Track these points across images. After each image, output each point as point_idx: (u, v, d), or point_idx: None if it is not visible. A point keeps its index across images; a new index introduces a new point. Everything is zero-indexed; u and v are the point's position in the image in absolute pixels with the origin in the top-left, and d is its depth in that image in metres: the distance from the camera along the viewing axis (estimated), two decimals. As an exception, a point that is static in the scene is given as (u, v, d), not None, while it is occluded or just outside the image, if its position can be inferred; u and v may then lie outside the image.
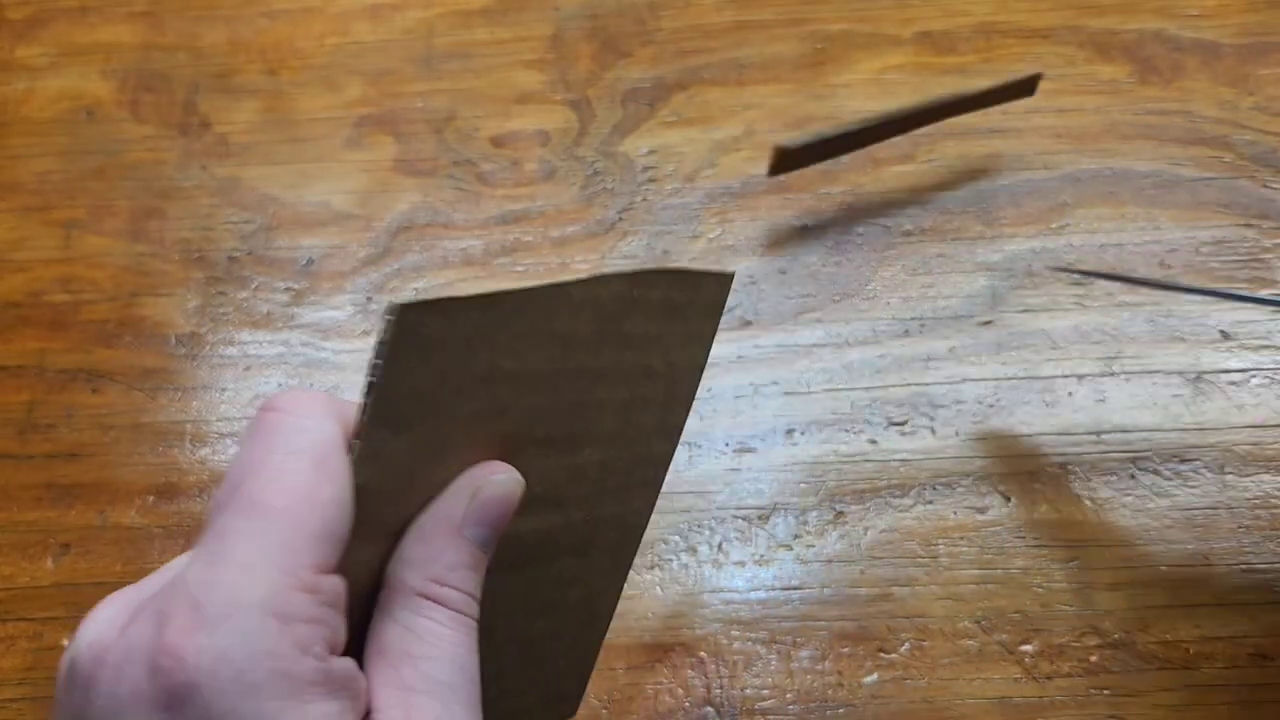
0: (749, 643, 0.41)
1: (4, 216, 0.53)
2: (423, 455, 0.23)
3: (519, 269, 0.50)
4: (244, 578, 0.20)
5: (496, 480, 0.24)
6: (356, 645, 0.23)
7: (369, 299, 0.50)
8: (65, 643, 0.43)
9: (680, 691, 0.41)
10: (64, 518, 0.45)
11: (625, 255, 0.50)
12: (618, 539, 0.31)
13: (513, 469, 0.25)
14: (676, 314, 0.28)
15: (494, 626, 0.26)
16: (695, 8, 0.57)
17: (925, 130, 0.52)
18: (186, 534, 0.44)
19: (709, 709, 0.40)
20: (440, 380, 0.22)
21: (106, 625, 0.22)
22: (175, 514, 0.45)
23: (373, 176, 0.53)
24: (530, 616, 0.29)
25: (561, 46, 0.56)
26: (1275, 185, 0.50)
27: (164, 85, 0.56)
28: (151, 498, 0.46)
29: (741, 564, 0.43)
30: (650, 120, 0.54)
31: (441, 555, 0.23)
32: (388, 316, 0.20)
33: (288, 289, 0.50)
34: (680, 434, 0.31)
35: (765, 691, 0.41)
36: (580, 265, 0.50)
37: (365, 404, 0.21)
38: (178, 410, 0.48)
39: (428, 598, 0.23)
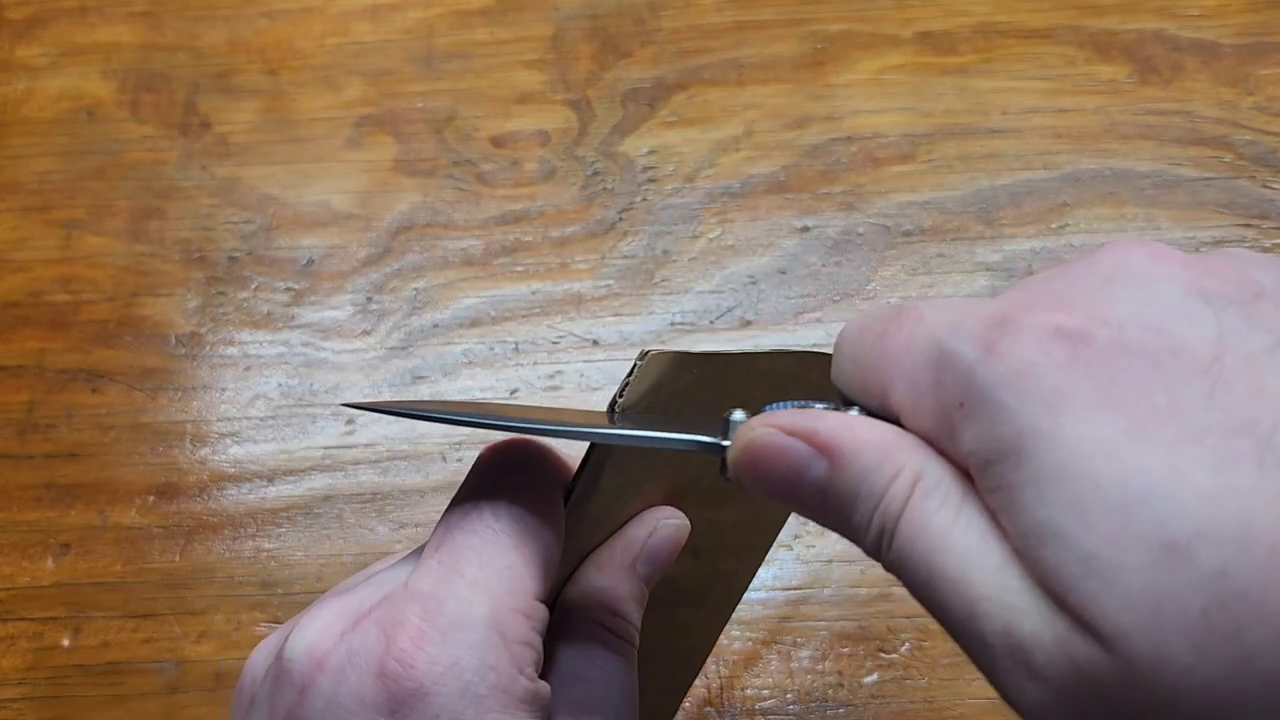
0: (749, 643, 0.41)
1: (4, 216, 0.53)
2: (621, 494, 0.25)
3: (519, 269, 0.50)
4: (474, 596, 0.22)
5: (670, 524, 0.26)
6: None
7: (369, 299, 0.50)
8: (65, 643, 0.43)
9: (680, 691, 0.41)
10: (64, 518, 0.45)
11: (625, 255, 0.50)
12: (727, 594, 0.32)
13: (682, 514, 0.27)
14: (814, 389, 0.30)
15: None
16: (695, 8, 0.57)
17: (925, 130, 0.52)
18: (187, 534, 0.45)
19: (709, 709, 0.40)
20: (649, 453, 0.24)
21: (324, 631, 0.23)
22: (175, 514, 0.45)
23: (373, 176, 0.53)
24: (643, 660, 0.30)
25: (561, 46, 0.56)
26: (1275, 185, 0.50)
27: (164, 85, 0.56)
28: (152, 498, 0.46)
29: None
30: (650, 120, 0.54)
31: (617, 587, 0.25)
32: (638, 361, 0.22)
33: (288, 289, 0.50)
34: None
35: (765, 691, 0.41)
36: (580, 265, 0.50)
37: (599, 445, 0.23)
38: (178, 410, 0.48)
39: (603, 625, 0.25)
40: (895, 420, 0.19)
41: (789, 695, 0.40)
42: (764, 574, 0.43)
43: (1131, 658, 0.15)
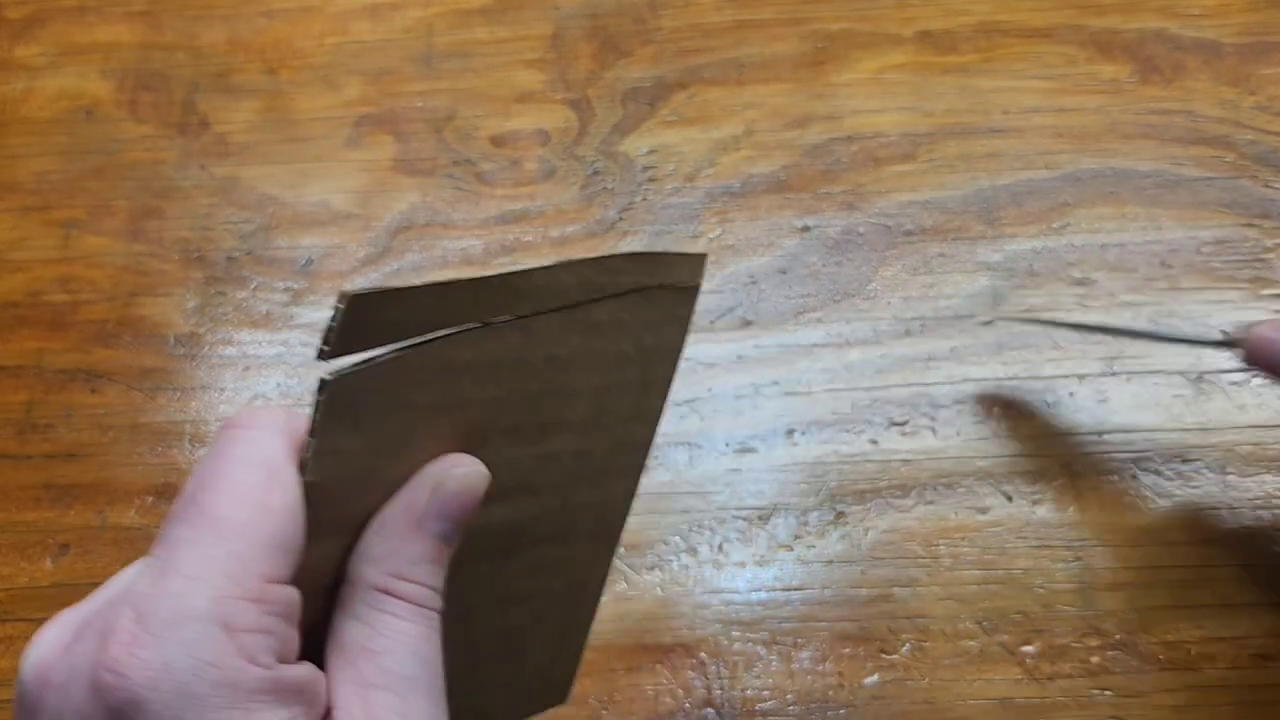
0: (749, 643, 0.41)
1: (3, 216, 0.53)
2: (383, 450, 0.23)
3: (519, 269, 0.50)
4: (189, 589, 0.20)
5: (459, 473, 0.24)
6: (320, 643, 0.23)
7: (368, 299, 0.50)
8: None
9: (681, 692, 0.41)
10: (63, 518, 0.45)
11: (625, 255, 0.50)
12: (598, 526, 0.30)
13: (477, 461, 0.24)
14: (647, 298, 0.27)
15: (470, 618, 0.26)
16: (695, 7, 0.57)
17: (926, 129, 0.52)
18: (185, 534, 0.44)
19: (709, 710, 0.40)
20: (401, 384, 0.22)
21: (51, 645, 0.21)
22: (174, 514, 0.45)
23: (372, 176, 0.53)
24: (507, 606, 0.28)
25: (561, 46, 0.56)
26: (1277, 185, 0.50)
27: (163, 85, 0.56)
28: (150, 498, 0.45)
29: (742, 565, 0.43)
30: (650, 120, 0.54)
31: (402, 550, 0.23)
32: (337, 305, 0.20)
33: (287, 289, 0.50)
34: (660, 418, 0.30)
35: (766, 692, 0.40)
36: (580, 265, 0.50)
37: (317, 400, 0.21)
38: (177, 410, 0.47)
39: (387, 592, 0.23)
40: None
41: (789, 696, 0.40)
42: (765, 574, 0.43)
43: None
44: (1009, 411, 0.45)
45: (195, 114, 0.55)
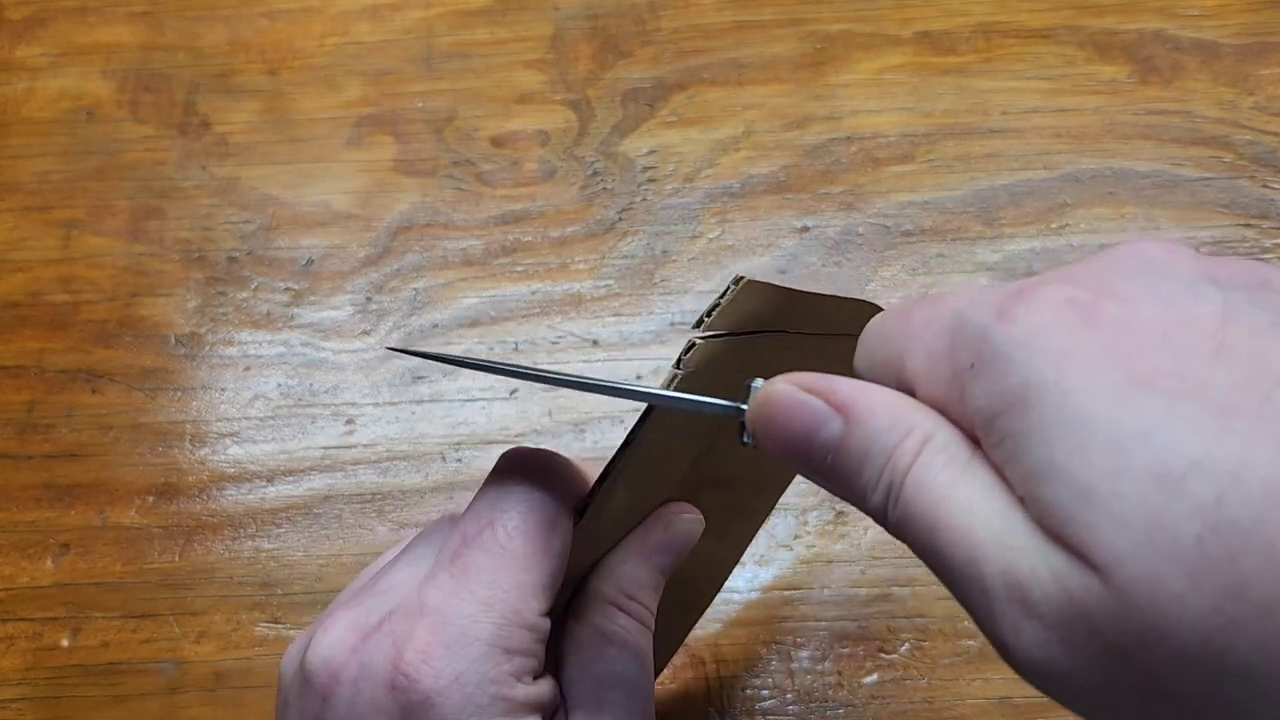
0: (749, 642, 0.41)
1: (3, 216, 0.53)
2: (634, 502, 0.28)
3: (519, 269, 0.50)
4: (481, 614, 0.24)
5: (686, 518, 0.29)
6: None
7: (369, 299, 0.50)
8: (65, 643, 0.43)
9: (680, 691, 0.41)
10: (64, 518, 0.45)
11: (625, 255, 0.50)
12: (741, 531, 0.36)
13: (697, 511, 0.29)
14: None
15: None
16: (695, 8, 0.57)
17: (925, 130, 0.52)
18: (186, 534, 0.44)
19: (709, 709, 0.40)
20: (663, 446, 0.26)
21: (337, 645, 0.25)
22: (175, 514, 0.45)
23: (373, 176, 0.53)
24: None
25: (561, 46, 0.56)
26: (1275, 185, 0.50)
27: (164, 85, 0.56)
28: (151, 498, 0.46)
29: (741, 564, 0.43)
30: (650, 120, 0.54)
31: (634, 574, 0.28)
32: (731, 285, 0.24)
33: (287, 289, 0.50)
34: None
35: (765, 692, 0.41)
36: (580, 265, 0.50)
37: (613, 469, 0.25)
38: (177, 410, 0.48)
39: (618, 607, 0.27)
40: (910, 393, 0.20)
41: (789, 695, 0.40)
42: (764, 574, 0.43)
43: (1125, 586, 0.15)
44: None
45: (196, 114, 0.55)
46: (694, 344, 0.25)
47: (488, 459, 0.45)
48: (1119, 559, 0.15)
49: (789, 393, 0.21)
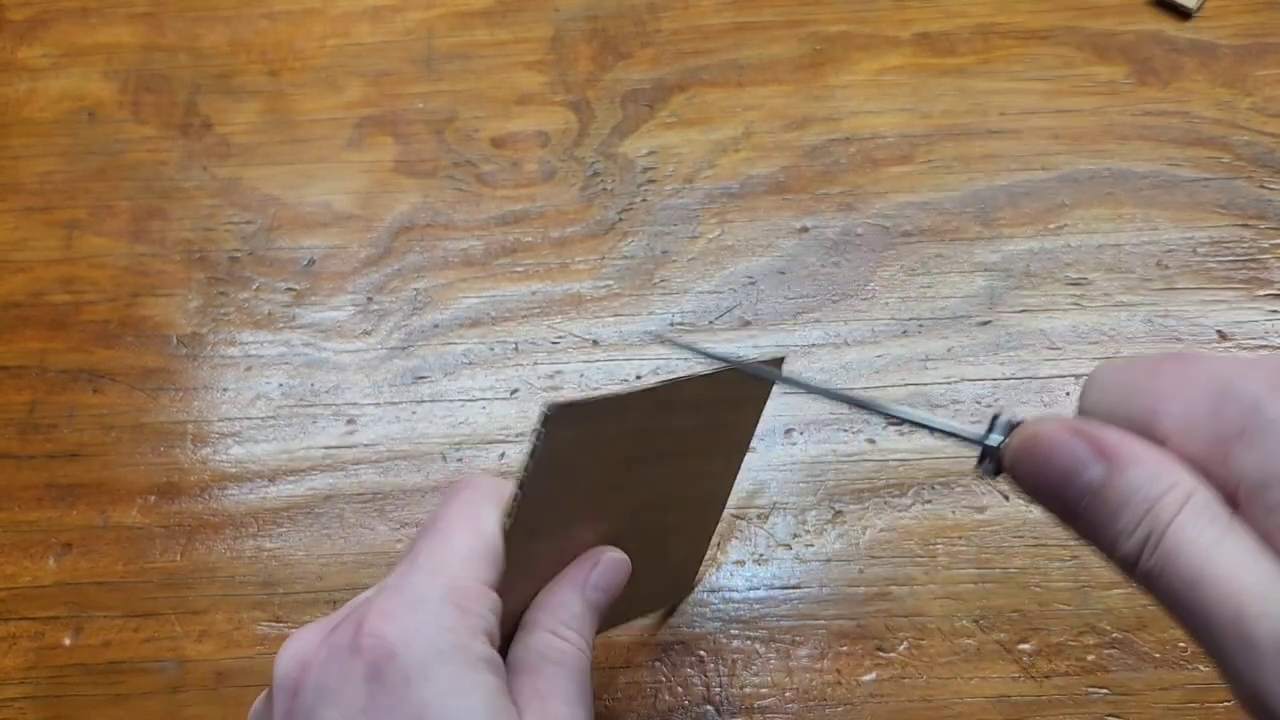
0: (748, 641, 0.42)
1: (5, 217, 0.53)
2: (563, 513, 0.30)
3: (519, 269, 0.50)
4: (431, 579, 0.26)
5: (612, 556, 0.32)
6: None
7: (369, 299, 0.50)
8: (66, 642, 0.43)
9: (679, 690, 0.41)
10: (65, 517, 0.45)
11: (625, 255, 0.50)
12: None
13: (621, 551, 0.32)
14: (731, 403, 0.34)
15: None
16: (695, 9, 0.57)
17: (924, 130, 0.52)
18: (188, 533, 0.45)
19: (708, 707, 0.40)
20: (568, 469, 0.28)
21: (306, 641, 0.27)
22: (176, 514, 0.45)
23: (373, 177, 0.53)
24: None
25: (561, 47, 0.56)
26: (1273, 186, 0.50)
27: (165, 86, 0.56)
28: (153, 497, 0.46)
29: (741, 563, 0.43)
30: (650, 121, 0.54)
31: (569, 605, 0.30)
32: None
33: (289, 289, 0.50)
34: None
35: (764, 690, 0.41)
36: (580, 265, 0.50)
37: (518, 487, 0.28)
38: (179, 410, 0.48)
39: (556, 635, 0.29)
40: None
41: (787, 694, 0.41)
42: (763, 573, 0.43)
43: None
44: (1006, 412, 0.46)
45: (197, 115, 0.55)
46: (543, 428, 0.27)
47: (488, 459, 0.46)
48: None
49: (1056, 433, 0.22)
